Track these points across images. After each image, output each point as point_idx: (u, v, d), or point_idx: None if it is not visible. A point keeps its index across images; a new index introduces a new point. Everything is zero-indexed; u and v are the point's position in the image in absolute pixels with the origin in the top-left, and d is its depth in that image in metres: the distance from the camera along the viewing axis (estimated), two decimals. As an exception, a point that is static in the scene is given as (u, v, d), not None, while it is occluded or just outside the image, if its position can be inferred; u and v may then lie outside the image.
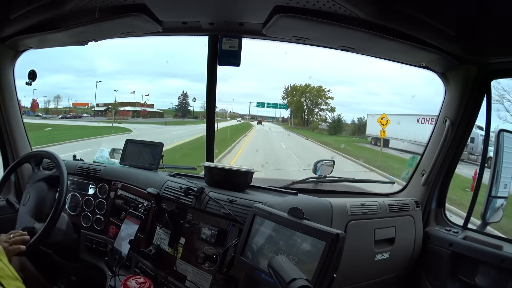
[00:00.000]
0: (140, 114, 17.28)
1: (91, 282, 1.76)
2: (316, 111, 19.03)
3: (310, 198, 1.39)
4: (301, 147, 14.15)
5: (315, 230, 0.90)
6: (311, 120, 19.29)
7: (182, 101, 18.13)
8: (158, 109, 18.36)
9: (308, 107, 19.08)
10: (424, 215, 1.68)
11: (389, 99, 21.18)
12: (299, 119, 19.32)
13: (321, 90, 18.82)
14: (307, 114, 19.18)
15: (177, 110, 18.07)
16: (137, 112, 17.29)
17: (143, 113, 17.32)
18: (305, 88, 18.94)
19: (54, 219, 1.42)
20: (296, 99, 18.95)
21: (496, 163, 1.52)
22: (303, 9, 1.26)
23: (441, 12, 1.19)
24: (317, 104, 18.91)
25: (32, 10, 1.38)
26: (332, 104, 18.64)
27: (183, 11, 1.45)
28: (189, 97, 18.03)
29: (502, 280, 1.32)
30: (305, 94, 19.00)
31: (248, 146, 13.11)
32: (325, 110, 18.74)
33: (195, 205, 1.33)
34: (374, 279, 1.50)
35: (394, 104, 24.08)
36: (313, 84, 18.76)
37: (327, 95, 18.88)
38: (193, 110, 18.38)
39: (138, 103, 17.23)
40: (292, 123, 19.10)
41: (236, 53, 1.66)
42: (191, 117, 18.16)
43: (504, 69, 1.43)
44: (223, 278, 1.15)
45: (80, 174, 1.82)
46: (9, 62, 1.81)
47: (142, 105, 17.19)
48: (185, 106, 18.07)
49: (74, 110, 17.14)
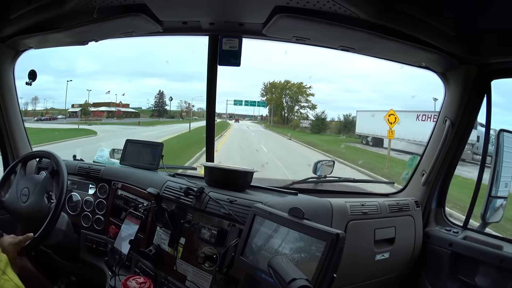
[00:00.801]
0: (114, 114, 16.41)
1: (91, 282, 1.76)
2: (296, 109, 18.13)
3: (310, 198, 1.39)
4: (285, 150, 12.65)
5: (315, 230, 0.90)
6: (291, 118, 18.34)
7: (159, 100, 17.35)
8: (134, 109, 17.53)
9: (288, 105, 18.15)
10: (424, 215, 1.68)
11: (368, 96, 20.92)
12: (279, 117, 18.40)
13: (302, 86, 17.73)
14: (287, 111, 18.25)
15: (154, 109, 17.34)
16: (112, 112, 16.45)
17: (118, 113, 16.38)
18: (285, 85, 17.98)
19: (54, 219, 1.43)
20: (275, 96, 18.00)
21: (496, 163, 1.52)
22: (303, 9, 1.26)
23: (441, 12, 1.19)
24: (297, 101, 17.95)
25: (32, 10, 1.38)
26: (312, 102, 17.78)
27: (183, 11, 1.45)
28: (165, 96, 17.45)
29: (502, 280, 1.32)
30: (284, 91, 18.06)
31: (222, 151, 10.89)
32: (306, 107, 17.82)
33: (195, 205, 1.33)
34: (374, 279, 1.50)
35: (374, 101, 23.98)
36: (293, 81, 17.92)
37: (308, 92, 17.82)
38: (169, 109, 17.68)
39: (113, 103, 16.28)
40: (271, 121, 18.07)
41: (236, 53, 1.66)
42: (168, 116, 17.37)
43: (504, 69, 1.43)
44: (223, 278, 1.15)
45: (80, 174, 1.82)
46: (9, 62, 1.81)
47: (118, 105, 16.28)
48: (162, 105, 17.41)
49: (50, 112, 16.15)
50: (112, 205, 1.69)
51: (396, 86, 19.29)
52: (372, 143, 12.89)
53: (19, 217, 1.56)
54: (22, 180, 1.58)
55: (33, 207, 1.50)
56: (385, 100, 24.49)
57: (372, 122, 12.69)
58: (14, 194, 1.55)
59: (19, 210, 1.52)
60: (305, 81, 17.55)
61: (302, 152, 12.11)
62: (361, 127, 13.90)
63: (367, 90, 21.89)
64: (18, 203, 1.53)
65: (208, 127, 1.85)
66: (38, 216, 1.47)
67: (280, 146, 13.71)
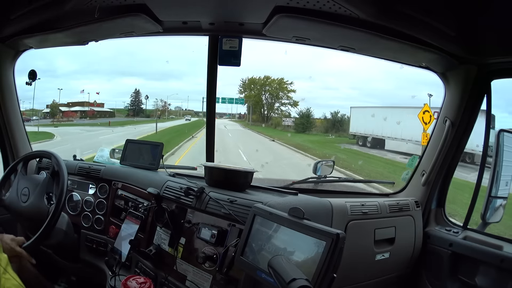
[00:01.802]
0: (87, 114, 15.57)
1: (91, 282, 1.76)
2: (277, 106, 16.94)
3: (310, 198, 1.39)
4: (271, 157, 9.58)
5: (315, 230, 0.90)
6: (271, 116, 17.13)
7: (135, 99, 16.46)
8: (110, 108, 16.54)
9: (268, 102, 16.94)
10: (424, 215, 1.68)
11: (347, 93, 20.72)
12: (258, 115, 17.10)
13: (283, 82, 16.53)
14: (266, 109, 17.03)
15: (129, 109, 16.51)
16: (85, 112, 15.63)
17: (90, 113, 15.47)
18: (265, 81, 16.73)
19: (54, 219, 1.43)
20: (254, 93, 16.68)
21: (496, 163, 1.51)
22: (303, 9, 1.26)
23: (441, 12, 1.19)
24: (278, 98, 16.79)
25: (32, 10, 1.38)
26: (294, 98, 16.54)
27: (183, 11, 1.45)
28: (141, 94, 16.61)
29: (502, 280, 1.32)
30: (264, 87, 16.81)
31: (188, 157, 8.62)
32: (287, 104, 16.61)
33: (195, 205, 1.33)
34: (374, 279, 1.50)
35: (353, 98, 23.77)
36: (273, 76, 16.67)
37: (289, 88, 16.60)
38: (145, 108, 16.81)
39: (87, 103, 15.40)
40: (250, 119, 16.63)
41: (236, 53, 1.66)
42: (144, 115, 16.48)
43: (504, 69, 1.43)
44: (223, 278, 1.15)
45: (80, 174, 1.82)
46: (9, 62, 1.81)
47: (92, 105, 15.44)
48: (138, 104, 16.54)
49: (26, 113, 14.77)
50: (112, 205, 1.69)
51: (375, 83, 19.05)
52: (371, 145, 11.80)
53: (19, 216, 1.56)
54: (22, 180, 1.58)
55: (33, 207, 1.50)
56: (364, 97, 24.37)
57: (371, 121, 11.60)
58: (14, 193, 1.55)
59: (19, 209, 1.52)
60: (286, 76, 16.81)
61: (293, 159, 9.46)
62: (356, 126, 12.56)
63: (346, 87, 21.78)
64: (18, 203, 1.53)
65: (208, 127, 1.85)
66: (38, 216, 1.47)
67: (263, 150, 10.61)
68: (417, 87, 17.52)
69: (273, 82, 16.82)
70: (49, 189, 1.54)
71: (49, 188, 1.54)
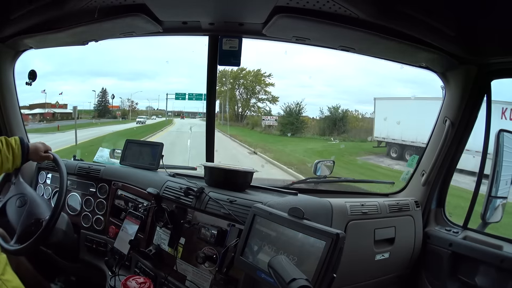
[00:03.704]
0: (44, 117, 13.43)
1: (91, 282, 1.76)
2: (253, 102, 14.26)
3: (310, 198, 1.39)
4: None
5: (315, 230, 0.90)
6: (246, 115, 14.45)
7: (101, 99, 14.62)
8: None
9: (242, 98, 14.35)
10: (424, 215, 1.68)
11: (322, 90, 20.40)
12: (231, 113, 14.50)
13: (260, 74, 13.90)
14: (241, 106, 14.46)
15: (95, 109, 14.60)
16: (42, 115, 13.54)
17: (47, 115, 13.43)
18: (238, 73, 14.07)
19: (54, 219, 1.43)
20: (226, 87, 14.06)
21: (496, 163, 1.52)
22: (303, 9, 1.26)
23: (441, 12, 1.19)
24: (254, 93, 14.09)
25: (32, 10, 1.38)
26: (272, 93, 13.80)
27: (183, 11, 1.45)
28: (108, 94, 14.75)
29: (502, 280, 1.32)
30: (238, 80, 14.25)
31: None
32: (265, 100, 13.98)
33: (195, 205, 1.33)
34: (374, 279, 1.50)
35: (328, 95, 23.13)
36: (248, 68, 13.94)
37: (267, 81, 13.87)
38: (112, 109, 14.92)
39: (48, 104, 13.52)
40: (221, 118, 13.60)
41: (236, 53, 1.66)
42: (110, 116, 14.63)
43: (504, 69, 1.43)
44: (223, 278, 1.15)
45: (80, 174, 1.82)
46: (9, 62, 1.82)
47: (54, 106, 13.56)
48: (105, 104, 14.69)
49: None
50: (112, 205, 1.69)
51: (349, 80, 18.58)
52: (397, 154, 7.84)
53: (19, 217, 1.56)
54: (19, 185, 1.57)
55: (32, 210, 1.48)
56: (338, 94, 23.90)
57: (412, 121, 7.41)
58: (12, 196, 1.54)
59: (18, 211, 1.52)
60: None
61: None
62: (384, 129, 8.30)
63: (320, 84, 21.36)
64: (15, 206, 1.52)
65: (208, 127, 1.85)
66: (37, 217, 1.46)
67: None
68: (392, 85, 16.28)
69: (248, 74, 14.11)
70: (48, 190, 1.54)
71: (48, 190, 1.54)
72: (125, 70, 20.34)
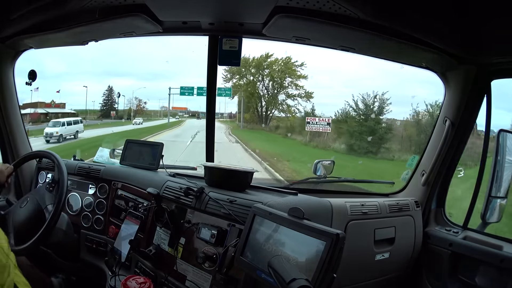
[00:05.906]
0: (31, 118, 11.06)
1: (91, 282, 1.76)
2: (281, 100, 10.58)
3: (310, 198, 1.39)
4: None
5: (315, 230, 0.90)
6: (272, 115, 10.77)
7: (107, 98, 13.13)
8: (73, 110, 12.42)
9: (268, 93, 10.66)
10: (424, 215, 1.68)
11: (341, 91, 20.30)
12: (251, 113, 10.88)
13: (290, 63, 10.26)
14: (265, 104, 10.76)
15: (101, 109, 13.10)
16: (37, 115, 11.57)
17: (34, 116, 11.28)
18: (263, 60, 10.44)
19: (54, 219, 1.43)
20: (247, 80, 10.50)
21: (496, 163, 1.52)
22: (303, 9, 1.26)
23: (441, 13, 1.19)
24: (282, 87, 10.37)
25: (32, 10, 1.38)
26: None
27: (183, 11, 1.45)
28: (114, 92, 13.16)
29: (502, 280, 1.32)
30: (262, 70, 10.49)
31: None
32: (296, 97, 10.26)
33: (195, 205, 1.33)
34: (374, 279, 1.50)
35: (348, 96, 22.81)
36: (276, 55, 10.44)
37: (299, 73, 10.19)
38: (117, 108, 13.40)
39: (42, 103, 11.82)
40: (241, 119, 10.59)
41: (236, 53, 1.66)
42: (117, 117, 13.12)
43: (504, 69, 1.43)
44: (223, 278, 1.15)
45: (80, 174, 1.82)
46: (9, 62, 1.82)
47: (49, 105, 11.97)
48: (111, 104, 13.24)
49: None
50: (112, 205, 1.69)
51: (368, 81, 18.38)
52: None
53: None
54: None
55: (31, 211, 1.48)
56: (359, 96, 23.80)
57: None
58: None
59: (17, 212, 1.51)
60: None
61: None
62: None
63: (339, 85, 21.12)
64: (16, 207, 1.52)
65: (208, 127, 1.85)
66: (36, 217, 1.46)
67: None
68: (413, 86, 16.10)
69: (275, 63, 10.37)
70: (48, 202, 1.52)
71: (48, 201, 1.52)
72: (143, 70, 19.94)
